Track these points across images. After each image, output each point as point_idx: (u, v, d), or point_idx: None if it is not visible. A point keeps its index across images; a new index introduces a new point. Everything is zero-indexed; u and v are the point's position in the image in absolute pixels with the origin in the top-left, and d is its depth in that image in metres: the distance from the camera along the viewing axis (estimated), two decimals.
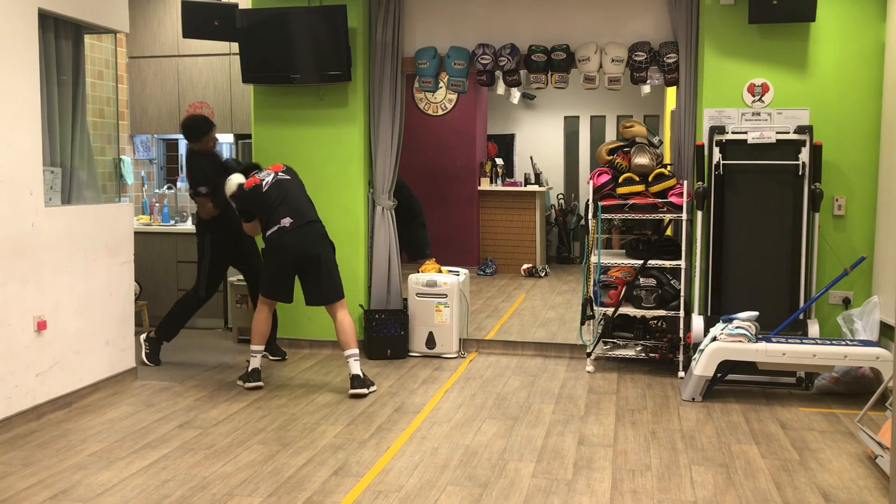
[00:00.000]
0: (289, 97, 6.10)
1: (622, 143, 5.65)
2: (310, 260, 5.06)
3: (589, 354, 5.62)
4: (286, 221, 5.03)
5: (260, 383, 5.13)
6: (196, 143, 5.70)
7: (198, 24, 5.92)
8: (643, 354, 5.56)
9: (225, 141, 7.50)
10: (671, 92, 7.59)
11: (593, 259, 5.62)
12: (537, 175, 10.64)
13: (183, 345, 6.35)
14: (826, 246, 5.32)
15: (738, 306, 5.19)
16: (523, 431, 4.33)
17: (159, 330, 5.80)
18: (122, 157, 7.10)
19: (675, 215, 5.38)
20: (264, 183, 5.14)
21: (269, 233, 5.08)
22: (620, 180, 5.41)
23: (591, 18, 5.80)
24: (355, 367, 5.03)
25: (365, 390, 4.98)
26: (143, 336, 5.84)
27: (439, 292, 5.93)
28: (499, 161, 10.81)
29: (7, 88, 4.29)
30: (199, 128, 5.67)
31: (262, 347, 5.20)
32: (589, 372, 5.55)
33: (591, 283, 5.69)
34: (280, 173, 5.22)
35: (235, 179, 5.23)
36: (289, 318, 6.15)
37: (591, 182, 5.53)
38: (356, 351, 5.07)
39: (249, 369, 5.16)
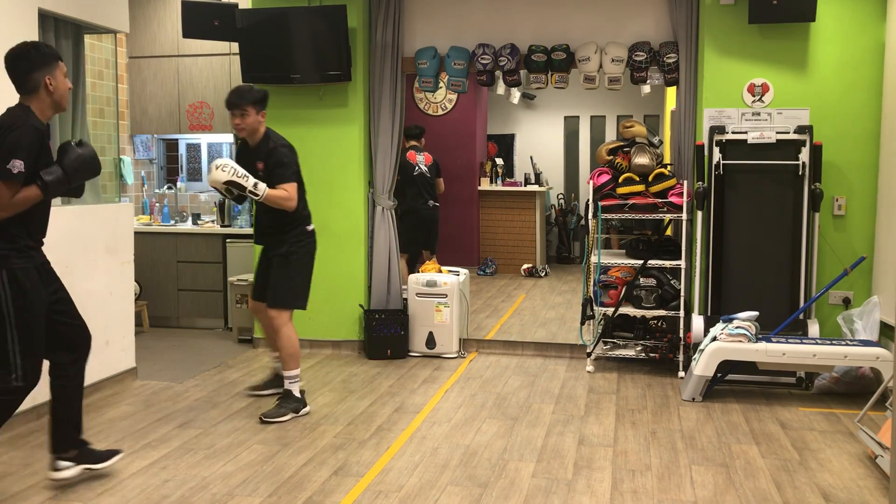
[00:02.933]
0: (289, 97, 6.10)
1: (622, 143, 5.65)
2: None
3: (589, 354, 5.62)
4: (311, 227, 4.79)
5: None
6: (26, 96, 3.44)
7: (198, 24, 5.92)
8: (643, 354, 5.56)
9: (225, 141, 7.51)
10: (671, 92, 7.59)
11: (593, 259, 5.62)
12: (537, 175, 10.65)
13: (183, 345, 6.36)
14: (826, 246, 5.32)
15: (738, 306, 5.19)
16: (523, 431, 4.33)
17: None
18: (122, 157, 7.10)
19: (675, 215, 5.38)
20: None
21: (309, 227, 4.73)
22: (620, 180, 5.42)
23: (591, 18, 5.80)
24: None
25: (266, 391, 4.83)
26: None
27: (439, 292, 5.93)
28: (499, 161, 10.81)
29: (7, 88, 4.28)
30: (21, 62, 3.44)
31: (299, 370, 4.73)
32: (589, 372, 5.55)
33: (591, 283, 5.69)
34: None
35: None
36: None
37: (591, 182, 5.53)
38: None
39: (299, 394, 4.64)
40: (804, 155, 5.15)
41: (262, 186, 4.38)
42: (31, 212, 3.37)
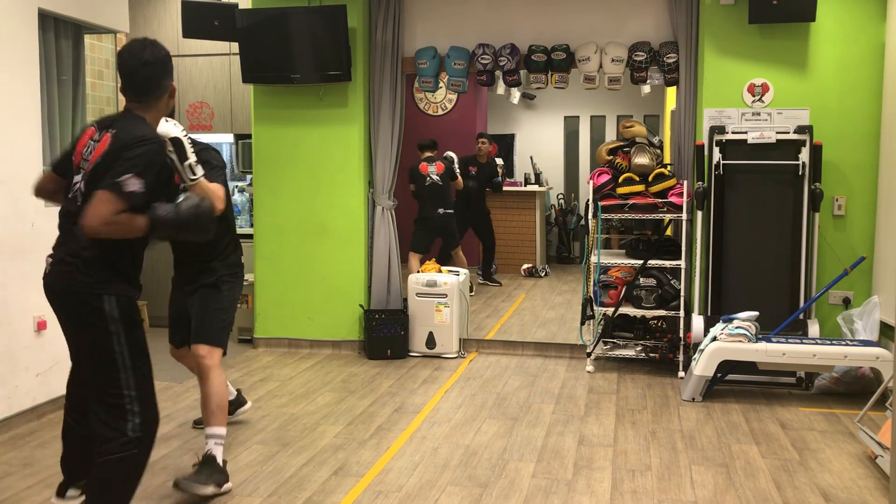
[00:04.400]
0: (289, 97, 6.10)
1: (622, 143, 5.65)
2: None
3: (589, 354, 5.62)
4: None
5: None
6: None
7: (198, 24, 5.92)
8: (643, 354, 5.56)
9: (225, 141, 7.50)
10: (671, 92, 7.59)
11: (593, 259, 5.62)
12: (537, 175, 10.64)
13: None
14: (826, 246, 5.32)
15: (738, 306, 5.19)
16: (523, 431, 4.33)
17: None
18: None
19: (675, 215, 5.37)
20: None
21: (241, 259, 4.00)
22: (620, 180, 5.42)
23: (591, 18, 5.81)
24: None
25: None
26: None
27: (439, 292, 5.93)
28: (499, 161, 10.80)
29: (7, 88, 4.29)
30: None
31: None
32: (589, 372, 5.55)
33: (591, 283, 5.69)
34: None
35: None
36: (289, 317, 6.15)
37: (591, 182, 5.53)
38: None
39: (222, 462, 3.58)
40: (804, 155, 5.14)
41: (200, 169, 3.25)
42: (135, 243, 2.85)
